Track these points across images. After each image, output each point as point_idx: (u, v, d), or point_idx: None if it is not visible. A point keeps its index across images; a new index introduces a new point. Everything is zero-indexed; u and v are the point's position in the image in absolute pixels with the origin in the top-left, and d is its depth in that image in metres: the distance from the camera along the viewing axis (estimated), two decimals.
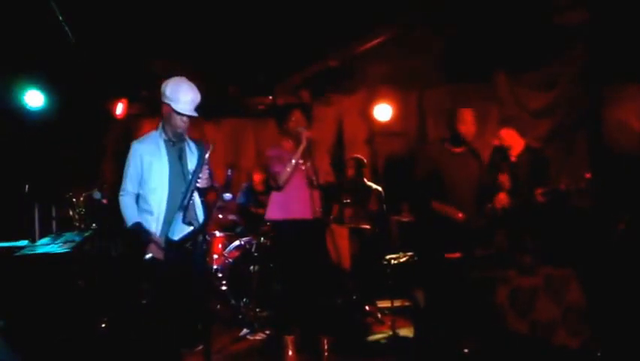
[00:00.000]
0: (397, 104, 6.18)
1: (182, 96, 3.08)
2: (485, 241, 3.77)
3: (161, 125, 3.18)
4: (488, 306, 3.54)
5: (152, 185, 3.10)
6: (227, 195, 5.31)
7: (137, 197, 3.14)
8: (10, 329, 3.23)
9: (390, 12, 4.75)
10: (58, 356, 3.53)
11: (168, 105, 3.09)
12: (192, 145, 3.25)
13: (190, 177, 3.11)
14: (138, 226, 3.07)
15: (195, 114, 3.13)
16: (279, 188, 3.77)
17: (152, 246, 3.04)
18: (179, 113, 3.08)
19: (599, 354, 3.30)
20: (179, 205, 3.09)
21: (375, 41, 5.14)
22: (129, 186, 3.11)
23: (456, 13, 4.67)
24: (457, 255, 3.60)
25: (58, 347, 3.57)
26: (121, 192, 3.13)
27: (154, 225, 3.09)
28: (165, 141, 3.17)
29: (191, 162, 3.19)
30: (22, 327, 3.26)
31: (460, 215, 3.64)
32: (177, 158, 3.17)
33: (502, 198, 3.94)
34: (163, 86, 3.13)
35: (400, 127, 6.37)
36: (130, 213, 3.09)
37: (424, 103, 6.29)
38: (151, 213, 3.10)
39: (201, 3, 4.53)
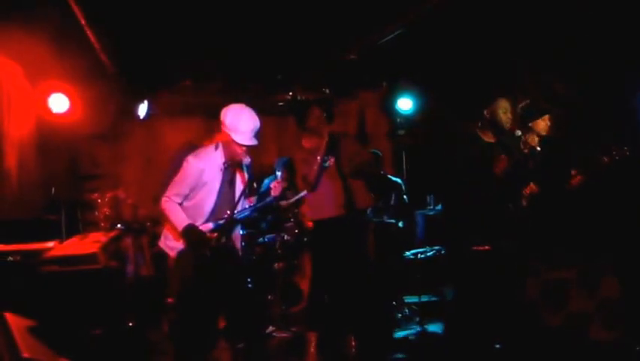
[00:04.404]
0: (417, 96, 6.10)
1: (242, 127, 3.09)
2: (516, 232, 3.66)
3: (220, 146, 3.17)
4: (519, 300, 3.45)
5: (195, 202, 3.12)
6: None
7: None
8: (40, 328, 3.26)
9: (408, 4, 4.67)
10: (87, 355, 3.56)
11: (227, 134, 3.10)
12: (246, 169, 3.22)
13: (236, 205, 3.13)
14: (193, 227, 3.08)
15: (255, 143, 3.14)
16: (311, 189, 3.75)
17: (206, 245, 3.08)
18: (238, 144, 3.09)
19: (638, 348, 3.17)
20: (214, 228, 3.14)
21: (394, 33, 5.07)
22: (175, 197, 3.12)
23: (472, 3, 4.57)
24: (487, 247, 3.51)
25: (87, 346, 3.61)
26: (165, 198, 3.14)
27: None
28: (223, 163, 3.16)
29: (239, 189, 3.21)
30: (51, 327, 3.29)
31: None
32: (229, 182, 3.18)
33: (532, 187, 3.83)
34: (222, 114, 3.13)
35: (421, 119, 6.28)
36: (180, 216, 3.10)
37: (444, 94, 6.19)
38: None
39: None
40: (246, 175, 3.22)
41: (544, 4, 4.49)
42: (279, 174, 5.85)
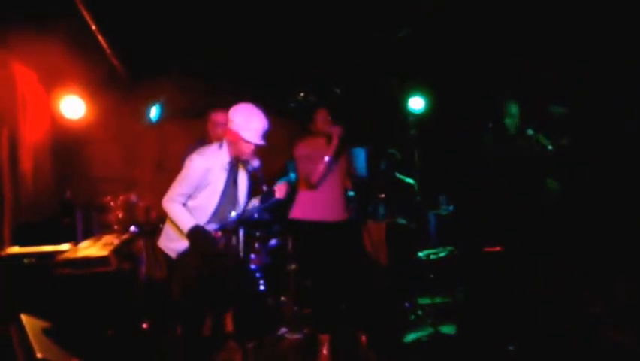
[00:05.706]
0: (430, 96, 6.06)
1: (252, 125, 3.06)
2: (528, 232, 3.63)
3: (225, 145, 3.13)
4: (532, 301, 3.41)
5: (199, 202, 3.09)
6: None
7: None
8: (54, 330, 3.30)
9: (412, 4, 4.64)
10: (100, 356, 3.59)
11: (236, 132, 3.07)
12: (254, 170, 3.21)
13: (240, 205, 3.12)
14: (200, 228, 3.06)
15: (263, 143, 3.11)
16: (313, 187, 3.71)
17: (213, 246, 3.08)
18: (247, 142, 3.06)
19: None
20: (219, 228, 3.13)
21: (406, 30, 5.04)
22: (178, 196, 3.09)
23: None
24: (498, 248, 3.48)
25: (101, 348, 3.65)
26: (167, 198, 3.10)
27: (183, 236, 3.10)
28: (228, 163, 3.15)
29: (243, 189, 3.20)
30: (65, 328, 3.33)
31: None
32: (233, 182, 3.16)
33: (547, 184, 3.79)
34: (231, 112, 3.10)
35: (434, 118, 6.23)
36: (185, 217, 3.07)
37: (454, 93, 6.13)
38: None
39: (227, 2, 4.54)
40: (256, 175, 3.20)
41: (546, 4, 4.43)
42: (292, 175, 5.86)
